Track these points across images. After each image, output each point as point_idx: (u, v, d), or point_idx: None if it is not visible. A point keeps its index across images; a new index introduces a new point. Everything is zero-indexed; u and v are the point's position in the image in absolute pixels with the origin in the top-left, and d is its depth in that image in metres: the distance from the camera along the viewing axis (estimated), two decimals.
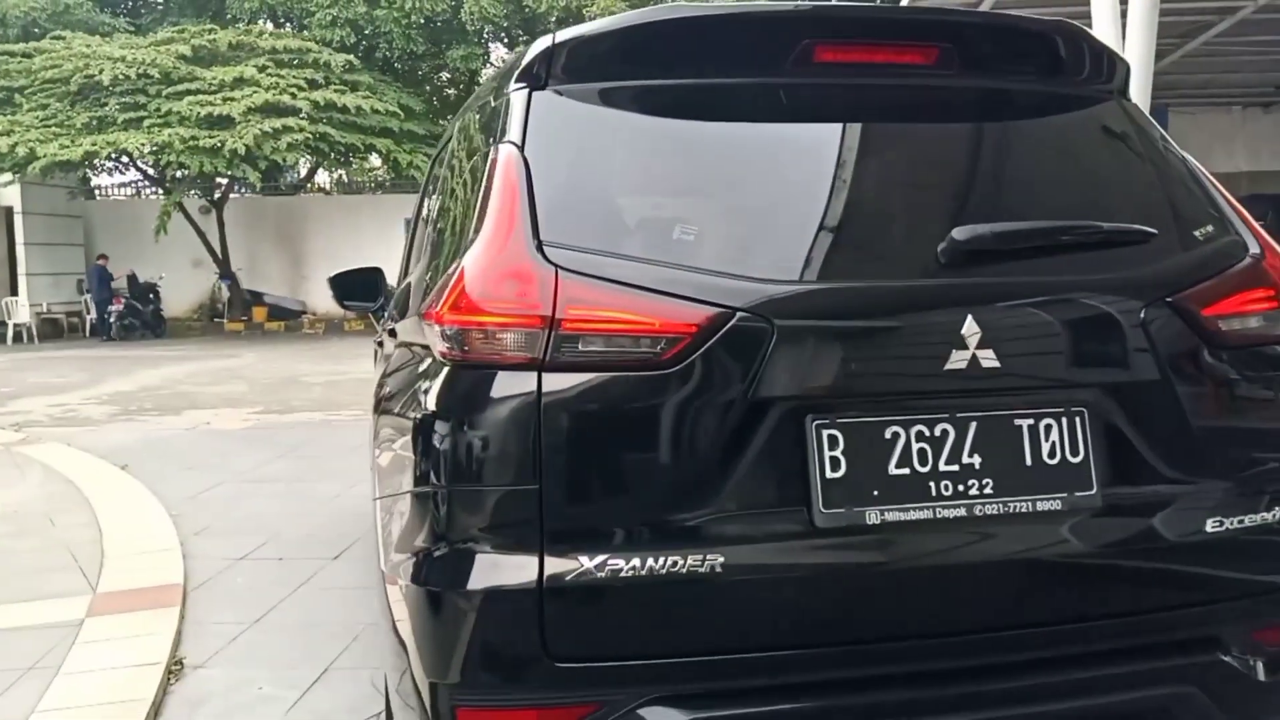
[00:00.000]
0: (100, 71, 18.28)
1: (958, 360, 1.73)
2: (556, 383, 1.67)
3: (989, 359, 1.74)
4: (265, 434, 8.66)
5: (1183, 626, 1.88)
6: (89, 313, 21.59)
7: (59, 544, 5.09)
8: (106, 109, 18.83)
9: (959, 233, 1.78)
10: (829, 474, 1.70)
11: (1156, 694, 1.85)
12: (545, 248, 1.73)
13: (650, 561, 1.65)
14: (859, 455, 1.72)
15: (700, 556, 1.66)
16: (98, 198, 25.66)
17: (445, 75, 25.11)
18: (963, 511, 1.74)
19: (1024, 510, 1.76)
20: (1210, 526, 1.86)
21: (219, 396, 11.17)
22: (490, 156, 1.92)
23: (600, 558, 1.65)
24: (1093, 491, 1.79)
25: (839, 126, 2.04)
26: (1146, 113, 2.28)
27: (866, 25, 2.09)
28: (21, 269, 20.92)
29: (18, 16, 21.93)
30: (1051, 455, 1.79)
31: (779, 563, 1.71)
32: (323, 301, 23.09)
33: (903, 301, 1.79)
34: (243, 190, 24.03)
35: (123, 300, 20.79)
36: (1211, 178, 2.16)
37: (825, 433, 1.71)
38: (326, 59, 19.95)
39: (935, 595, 1.77)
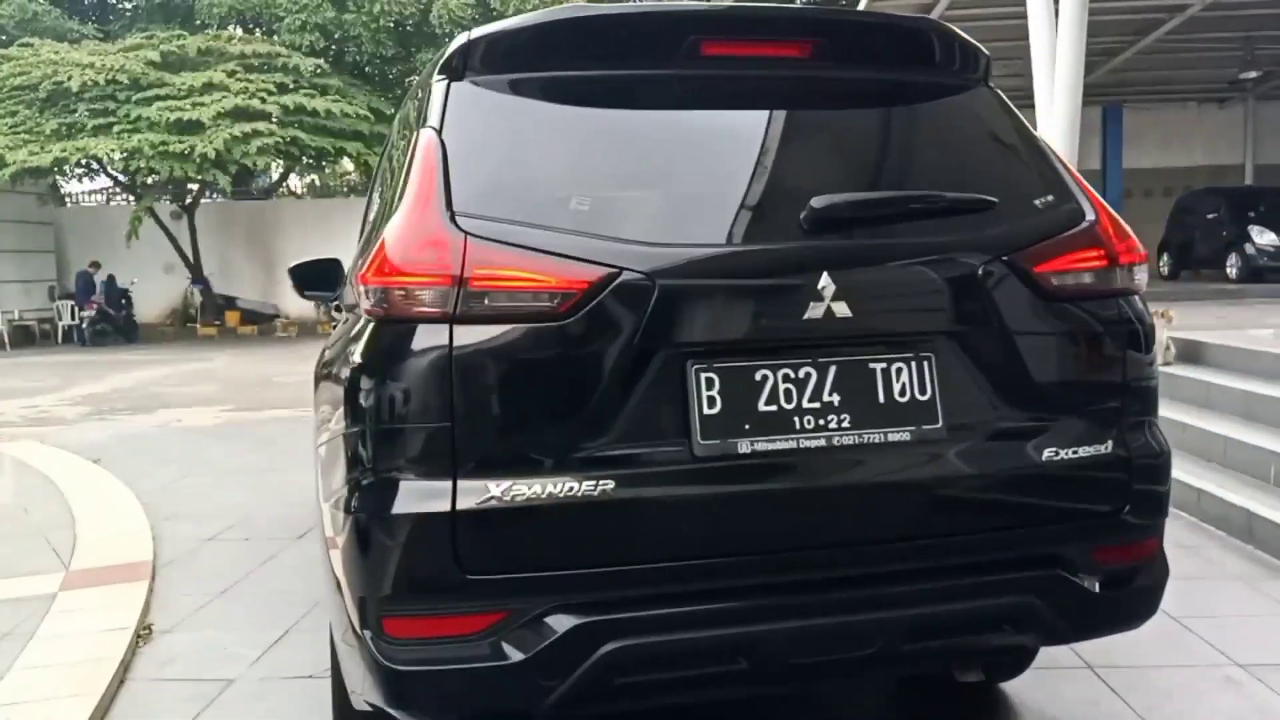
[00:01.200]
0: (69, 78, 18.29)
1: (814, 311, 1.99)
2: (466, 334, 1.92)
3: (843, 310, 2.00)
4: (237, 429, 8.84)
5: (1024, 545, 2.15)
6: (61, 319, 21.54)
7: (33, 530, 5.28)
8: (76, 115, 18.84)
9: (816, 201, 2.04)
10: (706, 411, 1.96)
11: (1001, 603, 2.12)
12: (457, 217, 1.97)
13: (550, 488, 1.90)
14: (732, 394, 1.98)
15: (594, 483, 1.92)
16: (68, 204, 25.61)
17: (415, 78, 25.21)
18: (823, 442, 2.00)
19: (877, 441, 2.03)
20: (1046, 456, 2.13)
21: (191, 396, 11.31)
22: (412, 140, 2.17)
23: (506, 484, 1.90)
24: (939, 425, 2.06)
25: (720, 112, 2.30)
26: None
27: (746, 23, 2.35)
28: None
29: None
30: (902, 394, 2.05)
31: (663, 488, 1.97)
32: (296, 305, 23.10)
33: (767, 261, 2.05)
34: (214, 195, 24.04)
35: (95, 305, 20.78)
36: (1059, 154, 2.43)
37: (702, 375, 1.97)
38: (296, 63, 20.00)
39: (800, 515, 2.03)
